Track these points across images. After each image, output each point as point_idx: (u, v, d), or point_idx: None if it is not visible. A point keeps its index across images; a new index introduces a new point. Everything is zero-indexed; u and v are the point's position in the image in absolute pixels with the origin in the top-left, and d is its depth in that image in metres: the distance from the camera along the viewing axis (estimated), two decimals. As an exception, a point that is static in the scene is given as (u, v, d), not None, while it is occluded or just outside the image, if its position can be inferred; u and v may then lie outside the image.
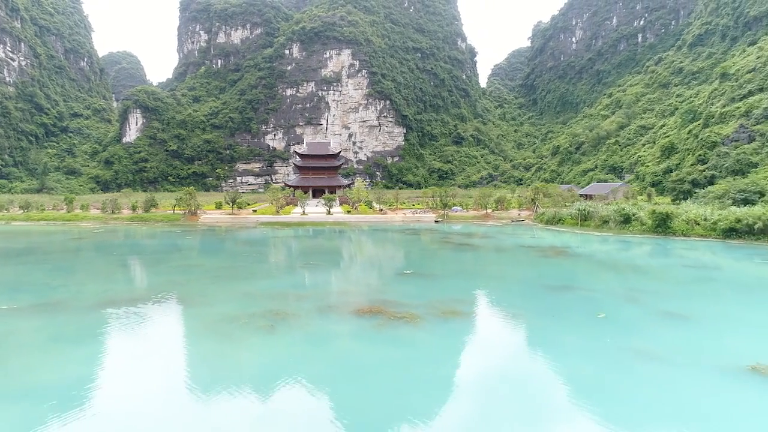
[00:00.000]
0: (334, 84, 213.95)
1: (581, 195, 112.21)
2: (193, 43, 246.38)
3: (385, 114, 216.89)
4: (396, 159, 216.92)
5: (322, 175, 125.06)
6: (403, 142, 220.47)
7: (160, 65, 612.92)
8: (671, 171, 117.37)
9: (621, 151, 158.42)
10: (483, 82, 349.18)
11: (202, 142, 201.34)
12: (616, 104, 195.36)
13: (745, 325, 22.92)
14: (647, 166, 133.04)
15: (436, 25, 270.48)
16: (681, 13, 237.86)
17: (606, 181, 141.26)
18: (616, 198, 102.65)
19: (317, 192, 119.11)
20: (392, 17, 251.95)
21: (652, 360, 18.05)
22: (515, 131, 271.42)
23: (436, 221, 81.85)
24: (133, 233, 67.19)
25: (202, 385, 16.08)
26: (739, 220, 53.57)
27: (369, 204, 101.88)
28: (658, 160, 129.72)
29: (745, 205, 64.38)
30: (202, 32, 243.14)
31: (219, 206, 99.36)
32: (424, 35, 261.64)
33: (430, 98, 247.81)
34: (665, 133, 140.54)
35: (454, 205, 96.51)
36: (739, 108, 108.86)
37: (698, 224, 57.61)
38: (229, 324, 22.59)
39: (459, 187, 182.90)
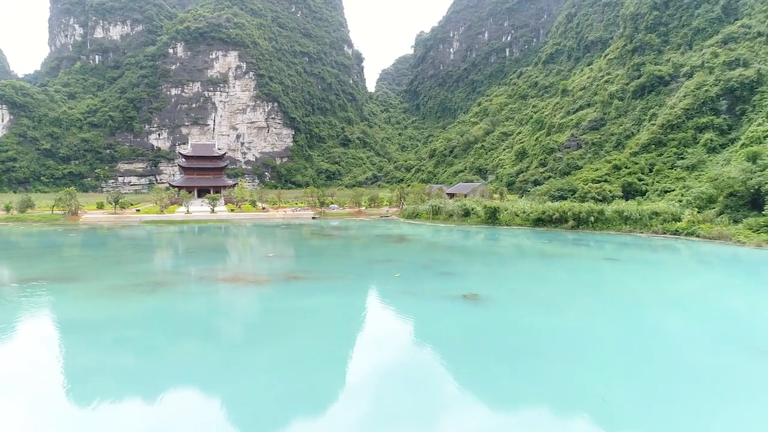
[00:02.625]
0: (221, 85, 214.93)
1: (448, 194, 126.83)
2: (66, 36, 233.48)
3: (273, 116, 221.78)
4: (285, 160, 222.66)
5: (207, 175, 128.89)
6: (292, 144, 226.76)
7: (24, 56, 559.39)
8: (522, 172, 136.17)
9: (486, 154, 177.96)
10: (372, 85, 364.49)
11: (79, 141, 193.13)
12: (484, 112, 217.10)
13: (484, 276, 34.59)
14: (505, 168, 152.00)
15: (323, 31, 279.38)
16: (541, 32, 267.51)
17: (472, 181, 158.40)
18: (476, 196, 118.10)
19: (202, 192, 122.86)
20: (279, 21, 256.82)
21: (411, 295, 28.50)
22: (399, 134, 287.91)
23: (313, 218, 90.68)
24: (12, 232, 68.67)
25: (97, 321, 23.75)
26: (544, 212, 68.38)
27: (253, 203, 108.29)
28: (513, 163, 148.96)
29: (560, 200, 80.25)
30: (76, 26, 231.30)
31: (101, 206, 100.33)
32: (312, 40, 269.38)
33: (318, 101, 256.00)
34: (520, 140, 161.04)
35: (332, 203, 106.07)
36: (572, 120, 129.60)
37: (518, 216, 71.96)
38: (118, 290, 29.82)
39: (346, 187, 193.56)
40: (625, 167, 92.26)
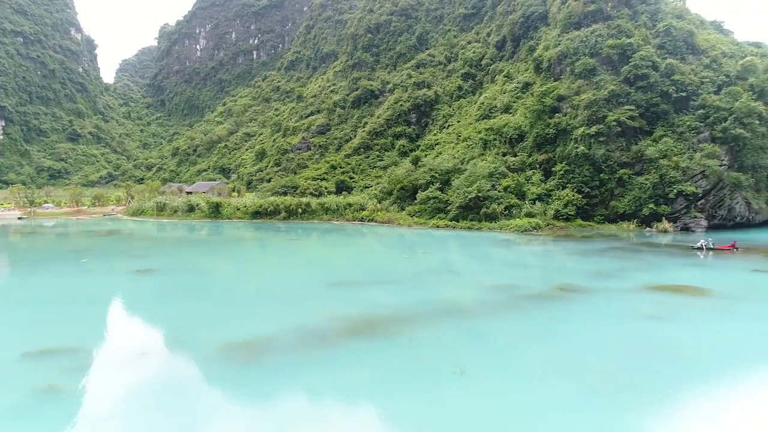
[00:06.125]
0: None
1: (187, 192, 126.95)
2: None
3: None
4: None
5: None
6: (2, 137, 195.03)
7: None
8: (261, 171, 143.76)
9: (229, 154, 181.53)
10: (111, 76, 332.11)
11: None
12: (228, 112, 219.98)
13: (168, 257, 40.05)
14: (246, 167, 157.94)
15: (43, 10, 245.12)
16: (286, 39, 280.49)
17: (215, 180, 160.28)
18: (214, 194, 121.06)
19: None
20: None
21: (90, 273, 32.19)
22: (141, 131, 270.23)
23: (19, 218, 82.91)
24: None
25: None
26: (261, 206, 76.34)
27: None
28: (254, 162, 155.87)
29: (284, 196, 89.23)
30: None
31: None
32: (27, 18, 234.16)
33: (37, 89, 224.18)
34: (261, 141, 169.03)
35: (46, 202, 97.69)
36: (304, 124, 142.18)
37: (239, 210, 78.54)
38: None
39: (77, 186, 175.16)
40: (340, 167, 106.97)
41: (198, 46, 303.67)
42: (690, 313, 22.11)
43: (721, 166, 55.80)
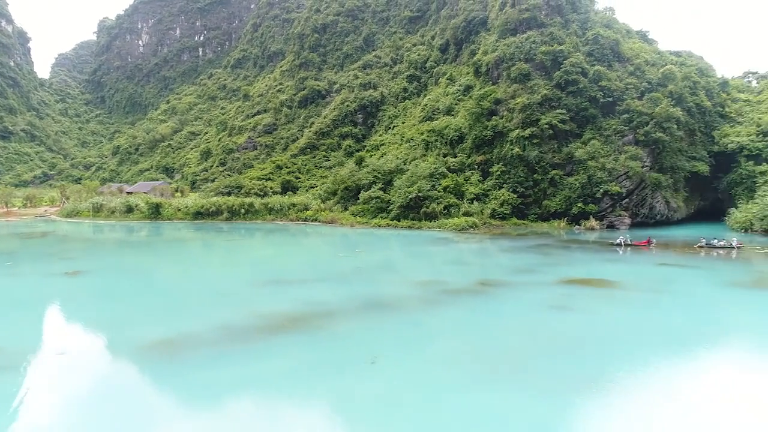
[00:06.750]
0: None
1: (128, 192, 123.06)
2: None
3: None
4: None
5: None
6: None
7: None
8: (206, 171, 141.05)
9: (173, 153, 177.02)
10: (46, 70, 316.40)
11: None
12: (172, 110, 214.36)
13: (98, 259, 39.33)
14: (191, 167, 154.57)
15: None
16: (233, 36, 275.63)
17: (158, 179, 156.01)
18: (156, 194, 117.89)
19: None
20: None
21: (12, 276, 31.27)
22: (80, 129, 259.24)
23: (-58, 220, 78.47)
24: None
25: None
26: (202, 206, 75.26)
27: None
28: (199, 162, 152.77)
29: (227, 196, 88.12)
30: None
31: None
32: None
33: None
34: (206, 140, 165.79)
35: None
36: (251, 123, 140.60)
37: (180, 210, 77.14)
38: None
39: (12, 186, 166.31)
40: (286, 167, 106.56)
41: (140, 42, 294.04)
42: (593, 303, 23.99)
43: (643, 167, 59.57)
